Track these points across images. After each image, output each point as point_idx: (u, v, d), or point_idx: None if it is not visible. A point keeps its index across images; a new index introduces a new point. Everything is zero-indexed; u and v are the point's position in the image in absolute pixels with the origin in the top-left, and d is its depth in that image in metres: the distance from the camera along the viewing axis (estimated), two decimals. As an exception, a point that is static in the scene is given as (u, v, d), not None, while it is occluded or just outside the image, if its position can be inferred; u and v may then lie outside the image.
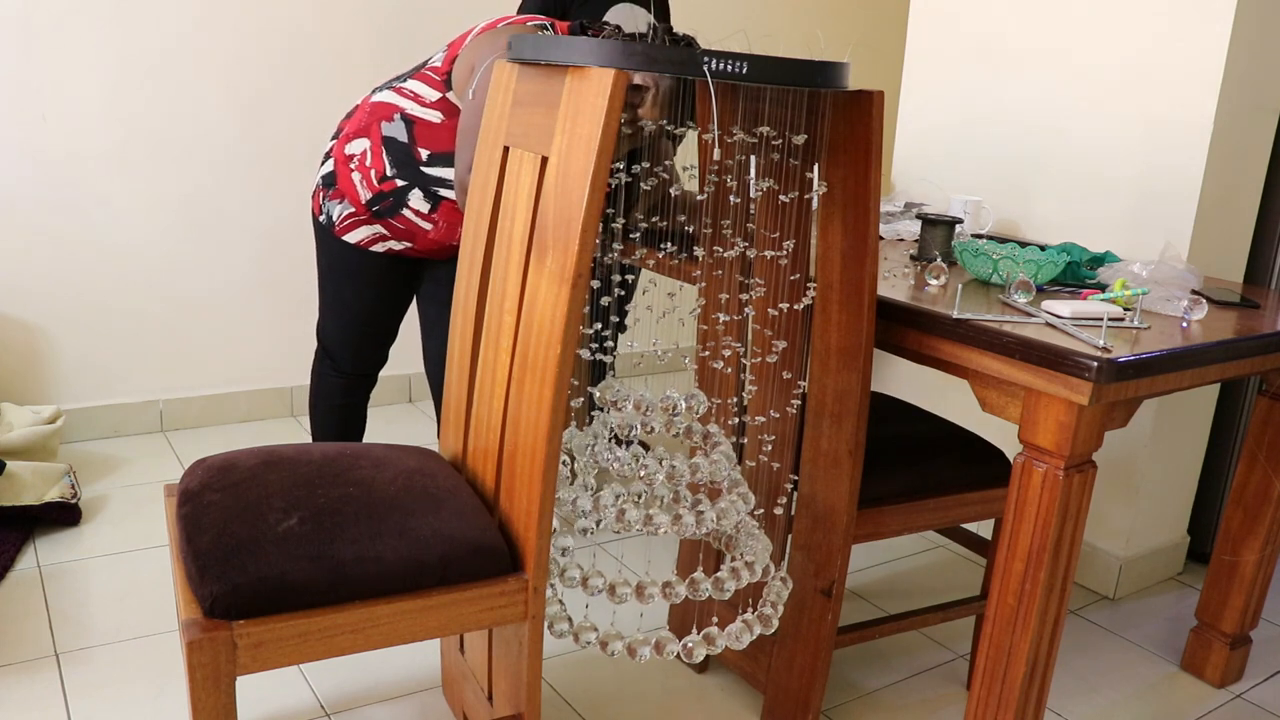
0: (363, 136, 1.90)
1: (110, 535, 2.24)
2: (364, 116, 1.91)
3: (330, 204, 1.94)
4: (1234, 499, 1.88)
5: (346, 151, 1.92)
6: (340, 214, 1.93)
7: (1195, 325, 1.50)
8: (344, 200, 1.92)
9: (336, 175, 1.93)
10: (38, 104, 2.51)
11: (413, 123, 1.85)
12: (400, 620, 1.21)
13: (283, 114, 2.83)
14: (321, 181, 1.97)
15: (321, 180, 1.97)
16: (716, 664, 1.90)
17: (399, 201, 1.88)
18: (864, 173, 1.40)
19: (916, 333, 1.48)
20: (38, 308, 2.63)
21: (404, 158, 1.86)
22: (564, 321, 1.18)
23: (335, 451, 1.40)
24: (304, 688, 1.76)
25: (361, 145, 1.90)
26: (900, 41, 4.04)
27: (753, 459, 1.63)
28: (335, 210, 1.94)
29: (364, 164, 1.89)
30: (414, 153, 1.85)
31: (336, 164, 1.94)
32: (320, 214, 1.98)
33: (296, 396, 3.05)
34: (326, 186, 1.95)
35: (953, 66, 2.46)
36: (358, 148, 1.90)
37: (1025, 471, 1.38)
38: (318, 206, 1.98)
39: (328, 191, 1.95)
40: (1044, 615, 1.41)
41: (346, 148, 1.92)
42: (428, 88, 1.84)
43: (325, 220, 1.96)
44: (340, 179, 1.92)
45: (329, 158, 1.96)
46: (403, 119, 1.85)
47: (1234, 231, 2.16)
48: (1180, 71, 2.02)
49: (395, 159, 1.86)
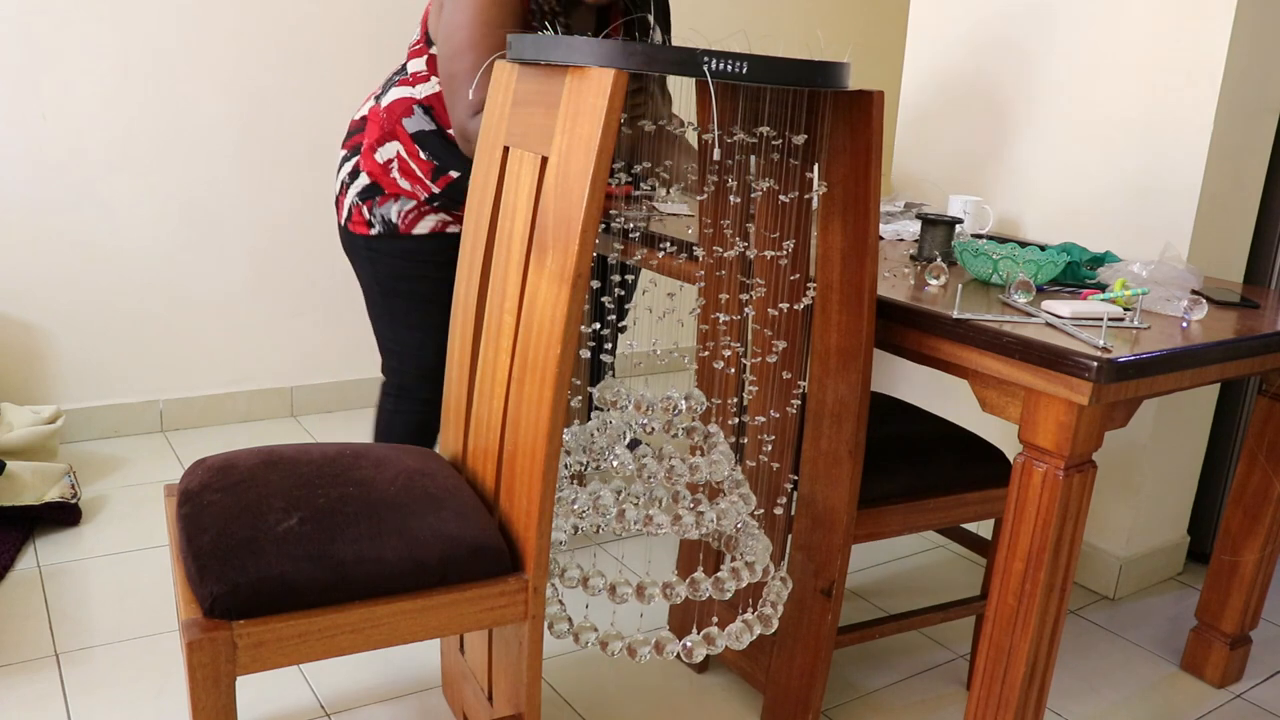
0: (390, 140, 1.85)
1: (110, 535, 2.24)
2: (382, 121, 1.86)
3: (382, 209, 1.87)
4: (1234, 499, 1.88)
5: (380, 159, 1.86)
6: (401, 211, 1.87)
7: (1195, 325, 1.50)
8: (399, 199, 1.86)
9: (379, 184, 1.87)
10: (38, 104, 2.51)
11: (430, 107, 1.81)
12: (400, 620, 1.21)
13: (283, 114, 2.83)
14: (358, 198, 1.89)
15: (358, 197, 1.89)
16: (716, 664, 1.90)
17: (461, 188, 1.84)
18: (864, 173, 1.40)
19: (916, 333, 1.48)
20: (38, 308, 2.63)
21: (441, 147, 1.82)
22: (564, 321, 1.18)
23: (335, 451, 1.40)
24: (304, 688, 1.76)
25: (392, 148, 1.85)
26: (900, 41, 4.03)
27: (753, 459, 1.63)
28: (393, 210, 1.87)
29: (407, 167, 1.84)
30: (448, 137, 1.81)
31: (374, 175, 1.87)
32: (370, 228, 1.89)
33: (296, 396, 3.05)
34: (369, 198, 1.88)
35: (952, 66, 2.46)
36: (389, 151, 1.85)
37: (1025, 471, 1.38)
38: (363, 223, 1.89)
39: (373, 201, 1.88)
40: (1044, 615, 1.41)
41: (377, 156, 1.86)
42: (419, 61, 1.82)
43: (382, 228, 1.88)
44: (386, 185, 1.87)
45: (357, 174, 1.89)
46: (420, 108, 1.82)
47: (1234, 231, 2.16)
48: (1180, 71, 2.02)
49: (434, 151, 1.82)
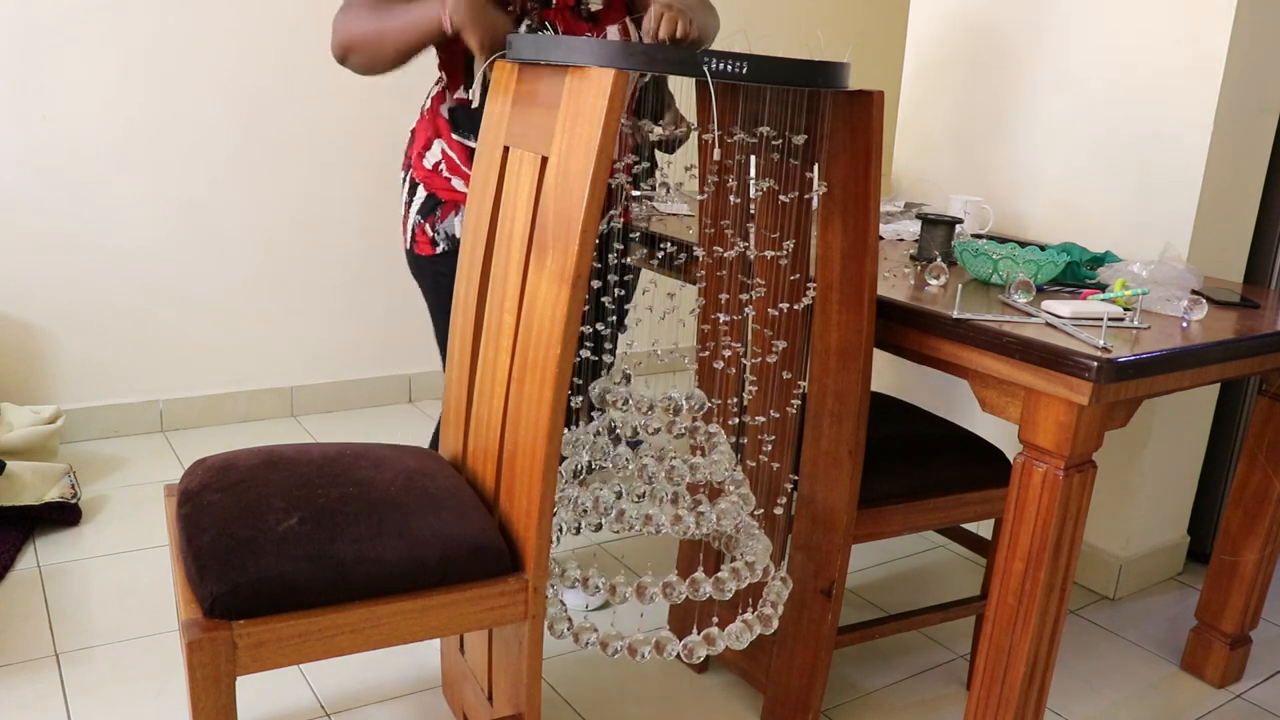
0: (435, 140, 1.75)
1: (110, 535, 2.24)
2: (425, 124, 1.77)
3: (445, 224, 1.75)
4: (1234, 499, 1.88)
5: (428, 164, 1.76)
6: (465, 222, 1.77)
7: (1195, 325, 1.50)
8: (460, 209, 1.74)
9: (435, 194, 1.76)
10: (38, 104, 2.51)
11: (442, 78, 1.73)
12: (400, 620, 1.21)
13: (283, 114, 2.83)
14: (420, 216, 1.77)
15: (419, 215, 1.77)
16: (716, 664, 1.90)
17: None
18: (864, 173, 1.40)
19: (916, 333, 1.48)
20: (38, 308, 2.63)
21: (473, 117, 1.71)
22: (564, 321, 1.18)
23: (335, 451, 1.40)
24: (304, 688, 1.76)
25: (438, 148, 1.74)
26: (900, 41, 4.03)
27: (753, 459, 1.63)
28: (456, 225, 1.75)
29: (453, 164, 1.73)
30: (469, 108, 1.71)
31: (428, 183, 1.76)
32: (435, 247, 1.77)
33: (296, 396, 3.04)
34: (429, 213, 1.76)
35: (953, 66, 2.46)
36: (436, 153, 1.75)
37: (1025, 471, 1.38)
38: (427, 243, 1.77)
39: (434, 216, 1.76)
40: (1044, 615, 1.41)
41: (425, 161, 1.76)
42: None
43: (447, 244, 1.76)
44: (442, 192, 1.75)
45: (414, 190, 1.79)
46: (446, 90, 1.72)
47: (1234, 231, 2.16)
48: (1180, 71, 2.02)
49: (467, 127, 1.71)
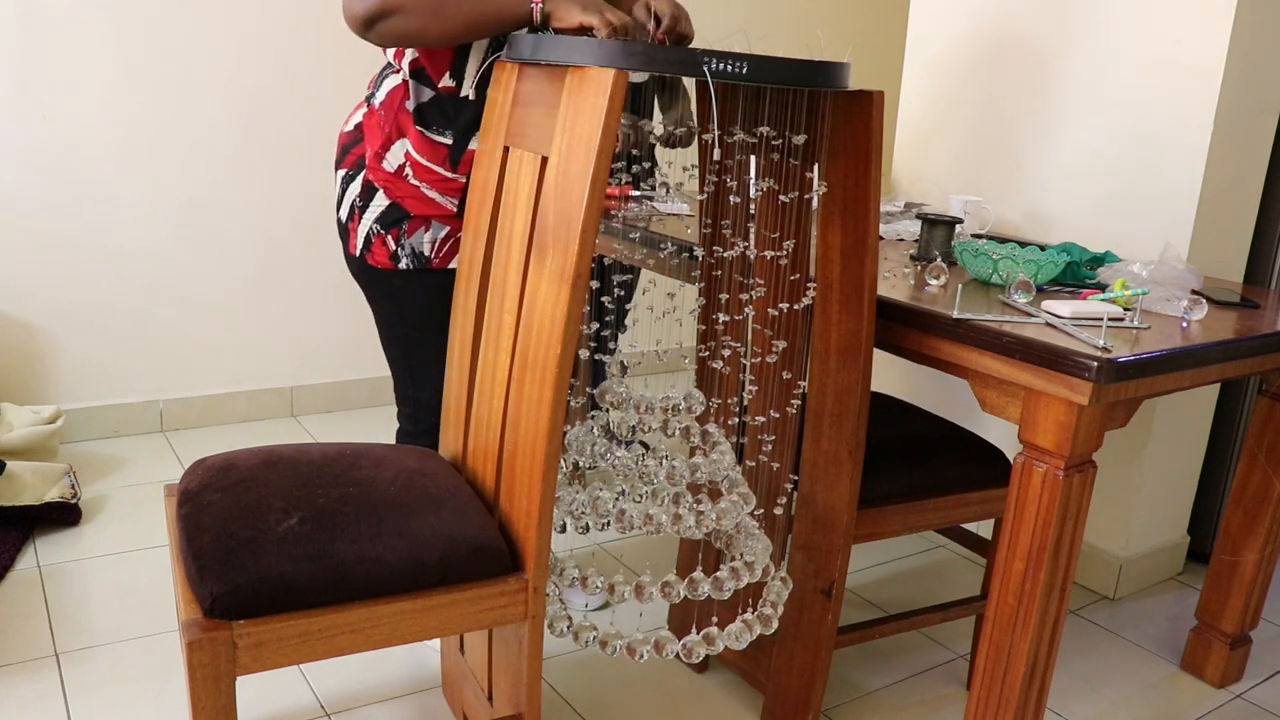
0: (397, 139, 1.60)
1: (110, 535, 2.24)
2: (381, 121, 1.62)
3: (412, 239, 1.62)
4: (1234, 499, 1.87)
5: (389, 167, 1.60)
6: (435, 240, 1.62)
7: (1195, 325, 1.50)
8: (430, 223, 1.62)
9: (400, 203, 1.61)
10: (38, 104, 2.51)
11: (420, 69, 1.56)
12: (400, 620, 1.21)
13: (283, 114, 2.83)
14: (379, 226, 1.62)
15: (379, 225, 1.62)
16: (716, 664, 1.90)
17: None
18: (864, 173, 1.40)
19: (916, 333, 1.48)
20: (38, 308, 2.63)
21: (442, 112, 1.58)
22: (564, 321, 1.18)
23: (335, 451, 1.40)
24: (304, 688, 1.76)
25: (401, 149, 1.59)
26: (900, 41, 4.03)
27: (753, 459, 1.63)
28: (425, 241, 1.62)
29: (421, 166, 1.59)
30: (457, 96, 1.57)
31: (390, 189, 1.61)
32: (396, 262, 1.63)
33: (296, 396, 3.04)
34: (393, 225, 1.62)
35: (953, 66, 2.46)
36: (398, 154, 1.60)
37: (1025, 471, 1.38)
38: (386, 257, 1.63)
39: (399, 229, 1.62)
40: (1044, 615, 1.41)
41: (385, 164, 1.60)
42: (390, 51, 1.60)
43: (411, 262, 1.62)
44: (408, 201, 1.61)
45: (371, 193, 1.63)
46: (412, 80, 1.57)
47: (1234, 231, 2.16)
48: (1180, 72, 2.02)
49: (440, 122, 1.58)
